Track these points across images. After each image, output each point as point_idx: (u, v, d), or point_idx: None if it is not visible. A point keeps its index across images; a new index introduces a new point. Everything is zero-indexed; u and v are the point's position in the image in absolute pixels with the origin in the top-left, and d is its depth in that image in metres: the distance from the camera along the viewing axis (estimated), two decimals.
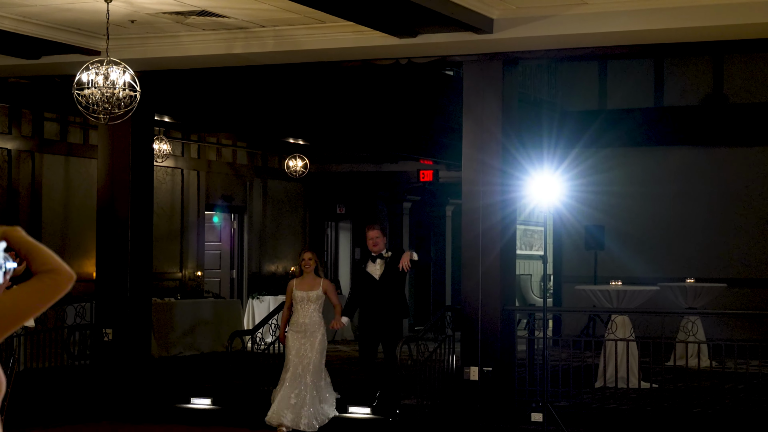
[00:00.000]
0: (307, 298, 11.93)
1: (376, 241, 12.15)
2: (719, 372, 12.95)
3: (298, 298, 11.96)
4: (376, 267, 12.18)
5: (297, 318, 11.93)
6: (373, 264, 12.17)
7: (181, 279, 19.62)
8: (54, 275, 3.25)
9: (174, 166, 19.58)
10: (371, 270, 12.17)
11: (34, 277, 3.24)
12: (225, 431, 12.46)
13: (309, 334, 11.82)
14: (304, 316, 11.89)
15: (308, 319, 11.88)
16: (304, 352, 11.75)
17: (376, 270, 12.16)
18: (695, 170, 19.41)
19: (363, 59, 12.78)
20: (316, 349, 11.79)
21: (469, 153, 12.50)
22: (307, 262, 12.06)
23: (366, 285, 12.21)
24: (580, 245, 19.71)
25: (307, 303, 11.93)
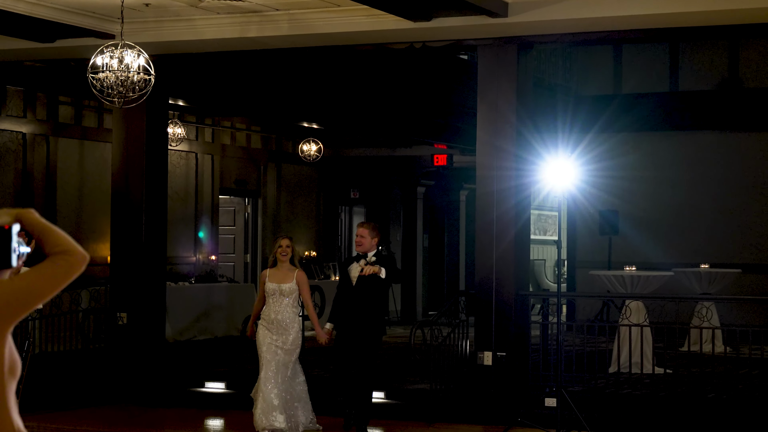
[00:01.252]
0: (279, 291, 10.72)
1: (359, 240, 10.90)
2: (733, 357, 12.93)
3: (270, 290, 10.73)
4: (356, 270, 10.84)
5: (268, 313, 10.75)
6: (356, 265, 10.86)
7: (195, 263, 19.64)
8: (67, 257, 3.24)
9: (188, 150, 19.59)
10: (352, 272, 10.88)
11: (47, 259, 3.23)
12: (238, 415, 12.47)
13: (281, 332, 10.69)
14: (276, 311, 10.70)
15: (280, 314, 10.72)
16: (275, 350, 10.65)
17: (354, 273, 10.83)
18: (710, 155, 19.34)
19: (377, 43, 12.76)
20: (287, 349, 10.69)
21: (483, 137, 12.47)
22: (284, 250, 10.77)
23: (344, 288, 11.00)
24: (594, 230, 19.67)
25: (279, 296, 10.72)
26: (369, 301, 10.74)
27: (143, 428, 11.72)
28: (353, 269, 10.78)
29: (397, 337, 18.64)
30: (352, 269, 10.78)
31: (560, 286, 12.22)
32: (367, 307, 10.74)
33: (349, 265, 10.95)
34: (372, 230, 10.89)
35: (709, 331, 13.41)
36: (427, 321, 14.46)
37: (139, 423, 12.03)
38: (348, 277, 10.86)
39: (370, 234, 10.83)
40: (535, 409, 11.56)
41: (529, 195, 12.70)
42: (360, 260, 10.77)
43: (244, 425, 12.01)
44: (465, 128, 18.17)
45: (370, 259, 10.72)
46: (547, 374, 12.10)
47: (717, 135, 19.34)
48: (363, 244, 10.84)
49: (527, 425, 11.19)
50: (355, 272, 10.73)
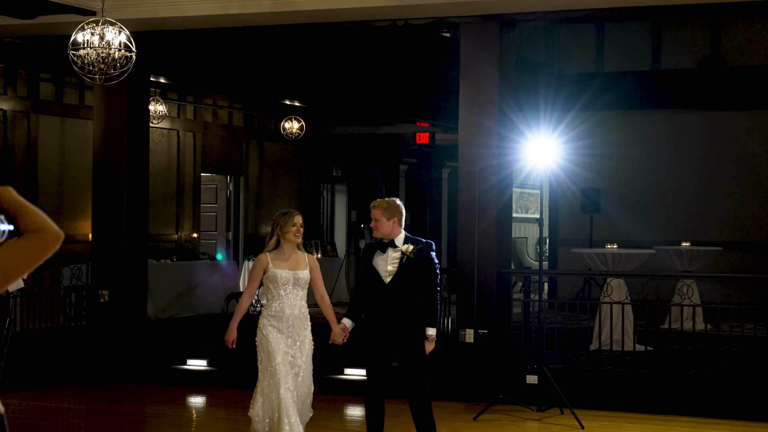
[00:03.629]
0: (294, 280, 8.37)
1: (374, 225, 8.45)
2: (714, 335, 13.00)
3: (281, 279, 8.31)
4: (385, 262, 8.37)
5: (281, 308, 8.32)
6: (382, 255, 8.39)
7: (177, 241, 19.62)
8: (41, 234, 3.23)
9: (170, 128, 19.53)
10: (378, 265, 8.40)
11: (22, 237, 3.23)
12: (220, 392, 12.50)
13: (296, 332, 8.36)
14: (292, 305, 8.35)
15: (297, 309, 8.39)
16: (293, 359, 8.30)
17: (384, 266, 8.37)
18: (692, 133, 19.39)
19: (359, 21, 12.72)
20: (306, 356, 8.39)
21: (465, 115, 12.47)
22: (299, 229, 8.40)
23: (372, 286, 8.41)
24: (576, 208, 19.72)
25: (293, 287, 8.39)
26: (410, 303, 8.34)
27: (125, 405, 11.73)
28: (383, 261, 8.35)
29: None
30: (379, 262, 8.36)
31: (542, 264, 12.26)
32: (408, 311, 8.32)
33: (371, 254, 8.44)
34: (387, 210, 8.39)
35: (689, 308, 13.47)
36: None
37: (121, 400, 12.03)
38: (374, 271, 8.37)
39: (384, 214, 8.38)
40: (517, 386, 11.60)
41: (511, 173, 12.71)
42: (387, 251, 8.36)
43: (226, 402, 12.04)
44: (447, 106, 18.17)
45: (407, 250, 8.33)
46: (529, 351, 12.15)
47: (699, 113, 19.38)
48: (379, 229, 8.37)
49: (508, 402, 11.24)
50: (384, 265, 8.33)
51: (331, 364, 12.66)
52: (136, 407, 11.79)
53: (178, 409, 11.83)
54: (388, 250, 8.36)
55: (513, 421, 10.84)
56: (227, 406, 11.92)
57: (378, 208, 8.44)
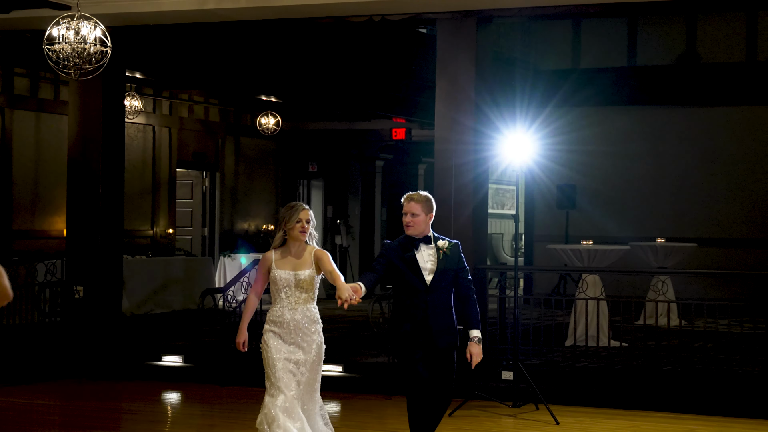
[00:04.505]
0: (295, 282, 7.64)
1: (410, 220, 7.67)
2: (688, 331, 13.04)
3: (281, 281, 7.63)
4: (422, 260, 7.65)
5: (282, 312, 7.63)
6: (417, 254, 7.67)
7: (153, 236, 19.56)
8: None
9: (145, 123, 19.46)
10: (415, 264, 7.67)
11: None
12: (196, 388, 12.47)
13: (302, 338, 7.64)
14: (293, 309, 7.62)
15: (299, 314, 7.64)
16: (295, 367, 7.63)
17: (423, 265, 7.65)
18: (668, 130, 19.46)
19: (336, 16, 12.70)
20: (311, 365, 7.67)
21: (442, 111, 12.47)
22: (305, 226, 7.62)
23: (407, 287, 7.65)
24: (552, 204, 19.76)
25: (295, 290, 7.66)
26: (447, 303, 7.68)
27: (100, 402, 11.69)
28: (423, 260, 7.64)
29: (355, 311, 18.63)
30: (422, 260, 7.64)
31: (518, 260, 12.27)
32: (446, 312, 7.66)
33: (399, 253, 7.67)
34: (426, 204, 7.73)
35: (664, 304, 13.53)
36: (385, 295, 14.47)
37: (96, 396, 11.99)
38: (407, 271, 7.61)
39: (423, 209, 7.70)
40: (492, 382, 11.61)
41: (487, 169, 12.73)
42: (421, 247, 7.66)
43: (201, 398, 12.01)
44: (424, 102, 18.19)
45: (443, 246, 7.69)
46: (504, 347, 12.16)
47: (675, 110, 19.45)
48: (416, 225, 7.65)
49: (484, 398, 11.25)
50: (424, 264, 7.61)
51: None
52: (111, 403, 11.75)
53: (153, 406, 11.80)
54: (421, 247, 7.67)
55: (488, 416, 10.85)
56: (203, 402, 11.89)
57: (417, 201, 7.70)
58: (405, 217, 7.67)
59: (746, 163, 19.08)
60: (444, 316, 7.59)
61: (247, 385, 12.40)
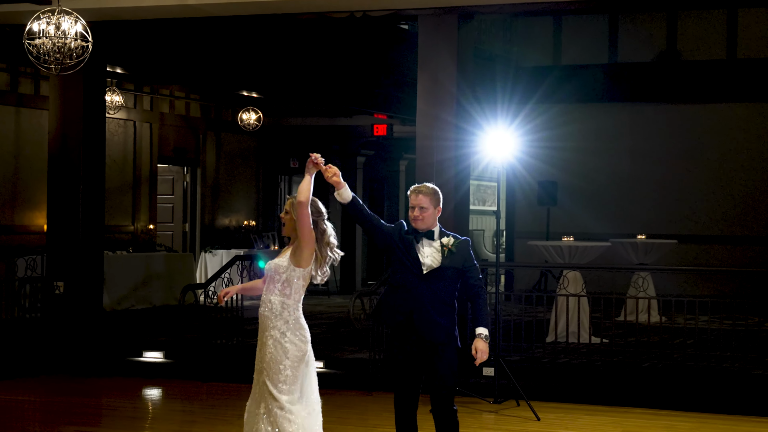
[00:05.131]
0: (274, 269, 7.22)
1: (418, 214, 7.19)
2: (669, 327, 13.08)
3: None
4: (424, 252, 7.17)
5: None
6: (418, 245, 7.20)
7: (134, 232, 19.51)
8: None
9: (126, 118, 19.41)
10: (423, 255, 7.18)
11: None
12: (177, 384, 12.45)
13: (262, 332, 7.27)
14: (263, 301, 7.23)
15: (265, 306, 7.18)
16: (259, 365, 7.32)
17: (424, 260, 7.15)
18: (648, 127, 19.51)
19: (318, 12, 12.69)
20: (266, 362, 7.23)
21: (423, 108, 12.47)
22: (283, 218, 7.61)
23: (402, 277, 7.19)
24: (533, 201, 19.79)
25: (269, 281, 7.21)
26: (445, 303, 7.17)
27: (80, 398, 11.66)
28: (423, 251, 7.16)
29: (337, 307, 18.66)
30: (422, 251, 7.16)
31: (499, 256, 12.29)
32: (442, 311, 7.16)
33: (405, 242, 7.18)
34: (434, 197, 7.24)
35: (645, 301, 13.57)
36: (366, 291, 14.48)
37: (77, 392, 11.95)
38: (412, 251, 7.15)
39: (432, 201, 7.22)
40: (473, 378, 11.63)
41: (468, 165, 12.74)
42: (422, 241, 7.19)
43: (182, 394, 11.99)
44: (405, 98, 18.19)
45: (449, 243, 7.17)
46: None
47: (655, 106, 19.50)
48: (424, 219, 7.19)
49: (465, 394, 11.26)
50: (424, 254, 7.13)
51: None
52: (91, 399, 11.72)
53: (134, 402, 11.77)
54: (423, 241, 7.18)
55: (469, 413, 10.86)
56: (184, 398, 11.87)
57: (425, 194, 7.21)
58: (413, 211, 7.19)
59: (726, 160, 19.16)
60: (436, 309, 7.08)
61: (228, 381, 12.39)
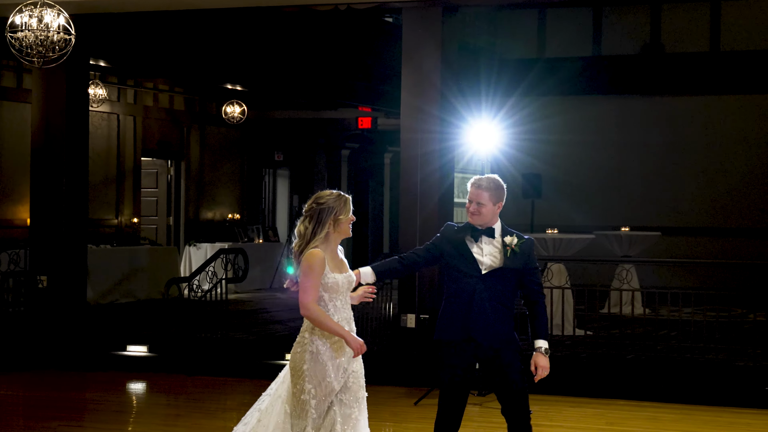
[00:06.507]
0: (348, 285, 6.32)
1: (477, 208, 6.62)
2: (653, 319, 13.13)
3: (342, 286, 6.27)
4: (481, 251, 6.60)
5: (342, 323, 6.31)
6: (474, 245, 6.61)
7: (118, 226, 19.47)
8: None
9: (110, 112, 19.35)
10: (476, 251, 6.60)
11: None
12: (161, 378, 12.44)
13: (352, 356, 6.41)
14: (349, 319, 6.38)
15: (353, 322, 6.43)
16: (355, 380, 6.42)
17: (481, 255, 6.58)
18: (633, 119, 19.55)
19: (302, 5, 12.66)
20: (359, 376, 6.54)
21: (407, 100, 12.46)
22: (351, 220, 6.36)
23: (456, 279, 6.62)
24: (517, 193, 19.80)
25: (345, 295, 6.33)
26: (505, 308, 6.66)
27: (65, 392, 11.63)
28: (479, 251, 6.58)
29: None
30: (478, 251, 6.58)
31: None
32: (503, 317, 6.64)
33: (456, 245, 6.62)
34: (495, 192, 6.68)
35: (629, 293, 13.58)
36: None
37: (60, 387, 11.93)
38: (468, 253, 6.57)
39: (492, 197, 6.65)
40: None
41: (452, 158, 12.74)
42: (481, 239, 6.59)
43: (167, 388, 11.97)
44: (390, 91, 18.17)
45: (512, 243, 6.60)
46: None
47: (640, 99, 19.54)
48: (482, 214, 6.62)
49: None
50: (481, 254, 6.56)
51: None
52: (75, 394, 11.69)
53: (118, 396, 11.75)
54: (482, 239, 6.59)
55: None
56: (168, 392, 11.85)
57: (485, 188, 6.62)
58: (470, 205, 6.62)
59: (710, 153, 19.21)
60: (497, 314, 6.57)
61: (213, 375, 12.38)
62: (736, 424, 10.15)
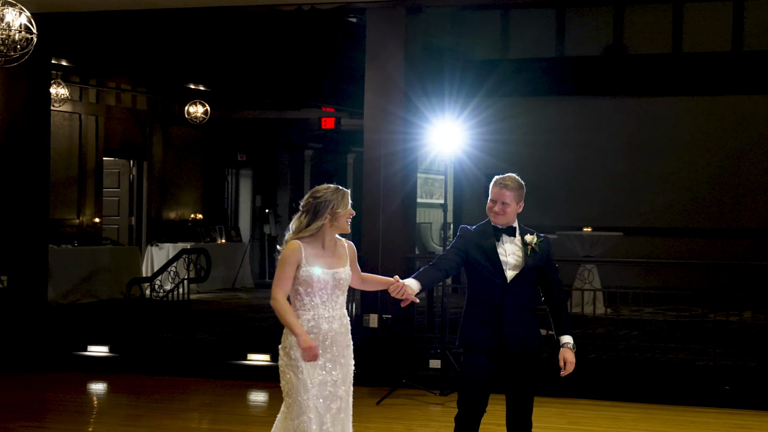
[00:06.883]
0: (334, 282, 6.19)
1: (501, 208, 6.64)
2: (614, 319, 13.20)
3: (318, 282, 6.13)
4: (505, 251, 6.60)
5: (317, 321, 6.17)
6: (500, 244, 6.61)
7: (79, 225, 19.36)
8: None
9: (72, 111, 19.25)
10: (500, 252, 6.59)
11: None
12: (123, 378, 12.38)
13: (339, 354, 6.30)
14: (330, 318, 6.21)
15: (337, 322, 6.24)
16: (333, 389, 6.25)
17: (505, 255, 6.58)
18: (595, 120, 19.64)
19: (266, 5, 12.65)
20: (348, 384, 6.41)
21: (371, 101, 12.47)
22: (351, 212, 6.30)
23: (483, 281, 6.60)
24: (480, 194, 19.83)
25: (332, 292, 6.20)
26: (530, 307, 6.72)
27: (25, 392, 11.56)
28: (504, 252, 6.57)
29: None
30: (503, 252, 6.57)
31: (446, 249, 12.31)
32: (528, 317, 6.72)
33: (485, 241, 6.59)
34: (519, 192, 6.74)
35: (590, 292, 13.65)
36: None
37: (21, 387, 11.85)
38: (488, 263, 6.54)
39: (516, 197, 6.70)
40: (420, 370, 11.66)
41: (416, 158, 12.75)
42: (502, 238, 6.60)
43: (128, 388, 11.92)
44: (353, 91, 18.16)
45: (532, 241, 6.63)
46: (432, 336, 12.21)
47: (603, 100, 19.63)
48: (507, 214, 6.64)
49: (412, 386, 11.29)
50: (506, 256, 6.55)
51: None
52: (36, 394, 11.62)
53: (79, 396, 11.69)
54: (503, 237, 6.59)
55: (416, 405, 10.89)
56: (129, 392, 11.80)
57: (511, 189, 6.64)
58: (494, 205, 6.59)
59: (672, 153, 19.32)
60: (522, 316, 6.61)
61: (175, 375, 12.34)
62: (696, 423, 10.22)
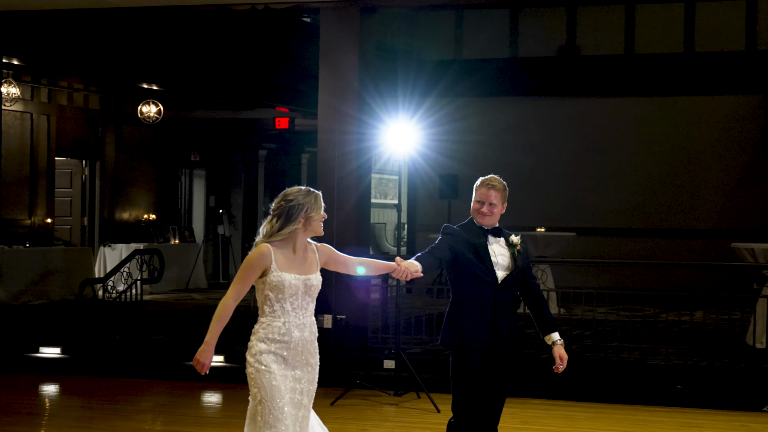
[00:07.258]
0: (305, 288, 6.07)
1: (488, 209, 6.70)
2: (567, 319, 13.26)
3: (289, 288, 5.97)
4: (494, 252, 6.63)
5: (288, 328, 6.05)
6: (489, 246, 6.65)
7: (31, 226, 19.20)
8: None
9: (23, 111, 19.08)
10: (495, 256, 6.62)
11: None
12: (75, 380, 12.29)
13: (306, 361, 6.22)
14: (302, 325, 6.12)
15: (308, 330, 6.16)
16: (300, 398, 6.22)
17: (494, 256, 6.61)
18: (550, 120, 19.72)
19: (219, 4, 12.61)
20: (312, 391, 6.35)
21: (325, 101, 12.46)
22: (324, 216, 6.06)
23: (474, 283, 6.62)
24: (434, 194, 19.88)
25: (303, 299, 6.07)
26: (514, 308, 6.85)
27: None
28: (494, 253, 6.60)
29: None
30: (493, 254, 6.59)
31: (400, 250, 12.32)
32: (514, 318, 6.82)
33: (476, 240, 6.63)
34: (503, 193, 6.75)
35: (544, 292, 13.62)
36: None
37: None
38: (480, 261, 6.57)
39: (501, 198, 6.71)
40: (374, 371, 11.66)
41: (370, 159, 12.76)
42: (490, 239, 6.64)
43: (80, 390, 11.83)
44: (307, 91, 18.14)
45: (518, 242, 6.65)
46: (387, 337, 12.21)
47: (557, 101, 19.72)
48: (494, 214, 6.69)
49: (366, 387, 11.29)
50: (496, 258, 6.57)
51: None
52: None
53: (31, 398, 11.59)
54: (491, 239, 6.63)
55: (370, 405, 10.89)
56: (82, 394, 11.72)
57: (498, 189, 6.67)
58: (481, 206, 6.64)
59: (625, 154, 19.44)
60: (511, 315, 6.72)
61: (128, 377, 12.26)
62: (648, 422, 10.29)
